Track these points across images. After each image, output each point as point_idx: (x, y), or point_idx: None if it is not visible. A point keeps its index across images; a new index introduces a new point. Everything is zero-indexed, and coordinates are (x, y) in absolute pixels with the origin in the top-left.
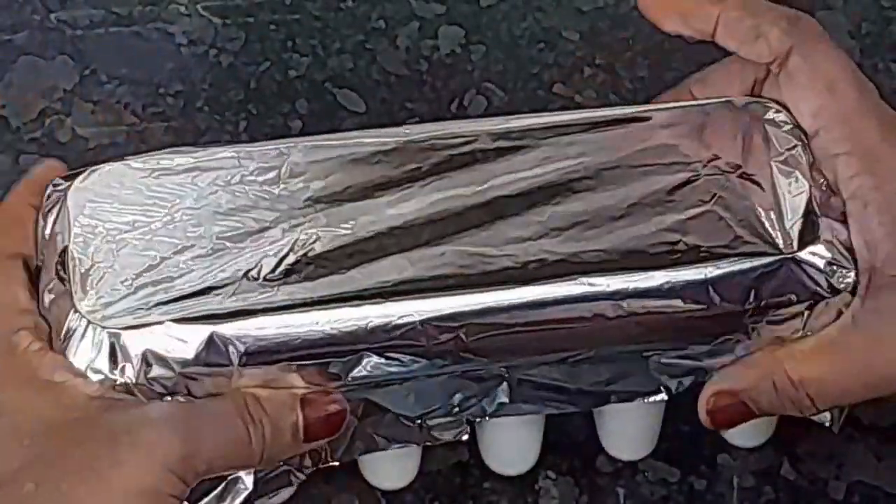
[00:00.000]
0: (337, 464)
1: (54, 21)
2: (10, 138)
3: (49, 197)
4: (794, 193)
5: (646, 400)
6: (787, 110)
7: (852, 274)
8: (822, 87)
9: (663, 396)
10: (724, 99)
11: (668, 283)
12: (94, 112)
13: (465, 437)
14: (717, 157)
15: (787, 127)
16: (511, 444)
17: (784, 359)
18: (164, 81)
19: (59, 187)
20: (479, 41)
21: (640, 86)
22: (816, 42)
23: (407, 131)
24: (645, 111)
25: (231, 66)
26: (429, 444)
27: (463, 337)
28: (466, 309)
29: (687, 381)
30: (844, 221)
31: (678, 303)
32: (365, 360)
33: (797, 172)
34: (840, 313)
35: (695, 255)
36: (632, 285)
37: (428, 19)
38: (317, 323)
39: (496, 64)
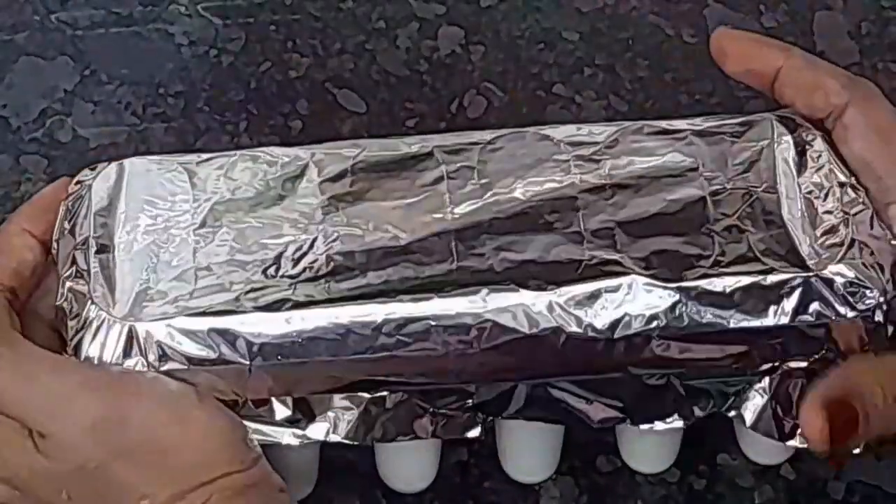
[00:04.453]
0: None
1: (55, 21)
2: (11, 138)
3: (75, 187)
4: (822, 211)
5: (663, 424)
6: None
7: (876, 294)
8: (876, 138)
9: (680, 424)
10: (755, 115)
11: (690, 295)
12: (94, 112)
13: (477, 435)
14: (746, 172)
15: (818, 145)
16: (533, 452)
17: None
18: (165, 82)
19: (84, 179)
20: (479, 41)
21: (640, 86)
22: (872, 98)
23: (432, 137)
24: (677, 123)
25: (231, 66)
26: (439, 437)
27: (477, 341)
28: (483, 311)
29: (707, 408)
30: (873, 240)
31: (700, 317)
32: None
33: (825, 190)
34: (863, 334)
35: (717, 270)
36: (654, 297)
37: (428, 19)
38: (332, 321)
39: (496, 64)
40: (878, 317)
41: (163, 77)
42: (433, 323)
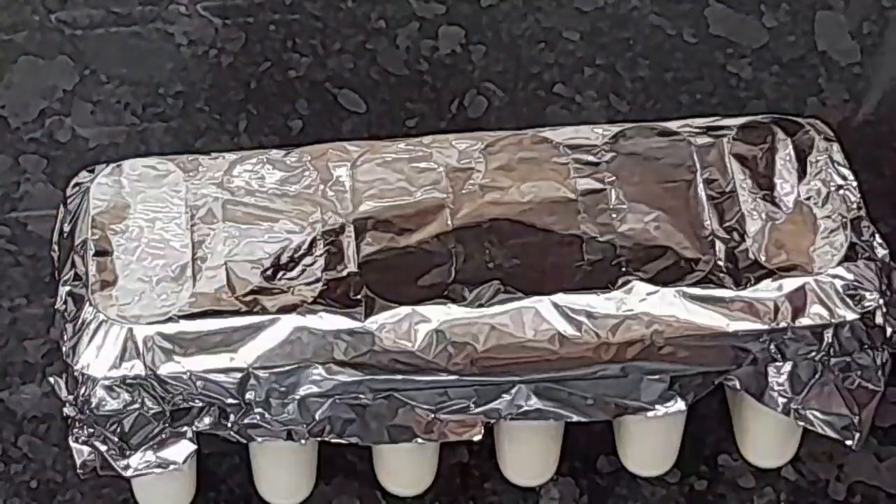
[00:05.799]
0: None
1: (54, 21)
2: (10, 138)
3: (74, 189)
4: (821, 214)
5: (663, 408)
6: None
7: (875, 296)
8: None
9: (680, 406)
10: (756, 116)
11: (690, 297)
12: (93, 112)
13: (478, 437)
14: (745, 177)
15: (818, 148)
16: (531, 457)
17: None
18: (164, 81)
19: (82, 181)
20: (479, 41)
21: (640, 86)
22: None
23: (432, 138)
24: (677, 124)
25: (231, 66)
26: (439, 440)
27: (477, 343)
28: (483, 313)
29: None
30: (872, 242)
31: (699, 319)
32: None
33: (825, 193)
34: (862, 336)
35: (717, 272)
36: (654, 300)
37: (428, 19)
38: (330, 325)
39: (496, 64)
40: (878, 318)
41: (162, 77)
42: (432, 326)
